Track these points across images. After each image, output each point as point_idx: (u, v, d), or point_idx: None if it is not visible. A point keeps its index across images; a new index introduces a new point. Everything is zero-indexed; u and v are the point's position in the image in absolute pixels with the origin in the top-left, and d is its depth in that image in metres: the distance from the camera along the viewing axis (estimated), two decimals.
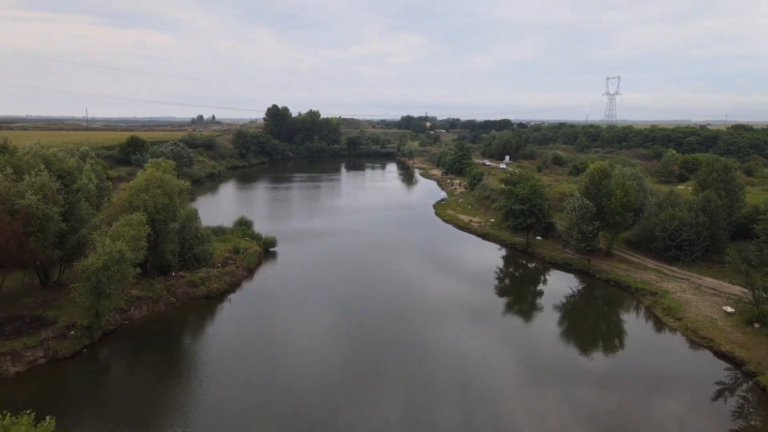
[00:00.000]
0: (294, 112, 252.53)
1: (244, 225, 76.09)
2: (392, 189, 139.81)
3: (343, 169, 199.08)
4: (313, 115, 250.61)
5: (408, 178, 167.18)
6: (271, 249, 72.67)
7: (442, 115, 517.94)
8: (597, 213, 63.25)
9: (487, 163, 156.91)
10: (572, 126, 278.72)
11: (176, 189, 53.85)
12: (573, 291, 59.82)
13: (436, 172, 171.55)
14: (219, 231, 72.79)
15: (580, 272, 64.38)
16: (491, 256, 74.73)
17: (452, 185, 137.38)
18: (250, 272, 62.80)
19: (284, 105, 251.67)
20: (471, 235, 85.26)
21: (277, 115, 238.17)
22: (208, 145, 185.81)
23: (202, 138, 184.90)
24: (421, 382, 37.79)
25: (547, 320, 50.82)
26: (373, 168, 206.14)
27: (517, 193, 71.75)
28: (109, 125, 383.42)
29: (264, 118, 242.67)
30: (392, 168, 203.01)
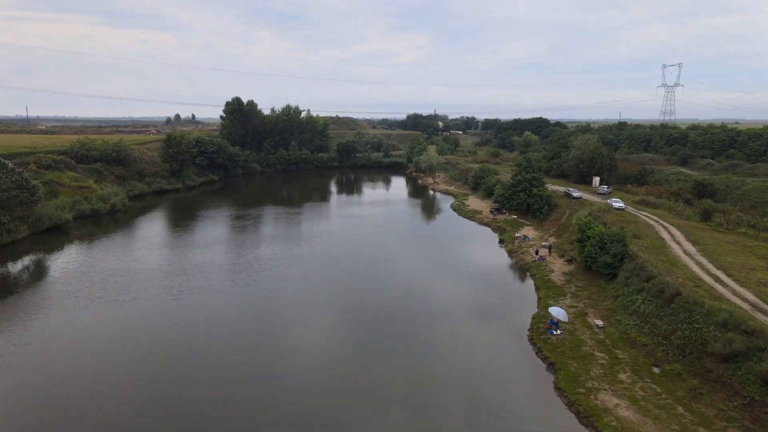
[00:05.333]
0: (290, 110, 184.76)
1: None
2: (410, 251, 72.02)
3: (332, 190, 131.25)
4: (290, 113, 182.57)
5: (430, 214, 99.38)
6: None
7: (448, 115, 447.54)
8: None
9: (575, 194, 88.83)
10: (638, 126, 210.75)
11: None
12: None
13: (479, 204, 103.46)
14: None
15: None
16: None
17: (530, 246, 69.53)
18: None
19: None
20: None
21: (239, 112, 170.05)
22: (116, 159, 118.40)
23: (104, 147, 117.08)
24: None
25: None
26: (374, 188, 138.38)
27: None
28: (56, 126, 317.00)
29: (221, 117, 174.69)
30: (400, 188, 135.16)
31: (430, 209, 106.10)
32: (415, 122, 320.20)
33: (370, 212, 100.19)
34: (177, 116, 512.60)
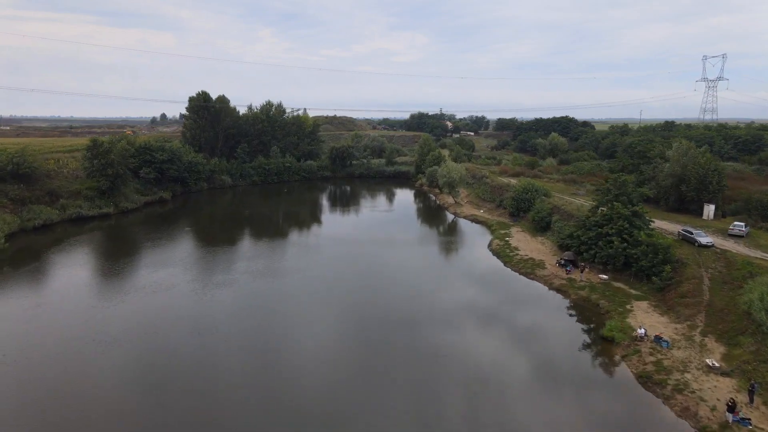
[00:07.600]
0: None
1: None
2: (446, 375, 38.28)
3: (321, 209, 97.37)
4: (271, 111, 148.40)
5: (460, 266, 65.53)
6: None
7: (455, 114, 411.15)
8: None
9: (704, 240, 54.51)
10: (690, 127, 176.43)
11: None
12: None
13: (531, 243, 69.21)
14: None
15: None
16: None
17: (682, 365, 35.61)
18: None
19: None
20: None
21: (205, 110, 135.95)
22: (15, 174, 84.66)
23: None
24: None
25: None
26: (372, 209, 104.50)
27: None
28: (21, 128, 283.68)
29: (183, 115, 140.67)
30: (409, 213, 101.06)
31: (457, 252, 71.75)
32: (420, 122, 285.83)
33: (368, 258, 65.79)
34: (163, 115, 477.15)
